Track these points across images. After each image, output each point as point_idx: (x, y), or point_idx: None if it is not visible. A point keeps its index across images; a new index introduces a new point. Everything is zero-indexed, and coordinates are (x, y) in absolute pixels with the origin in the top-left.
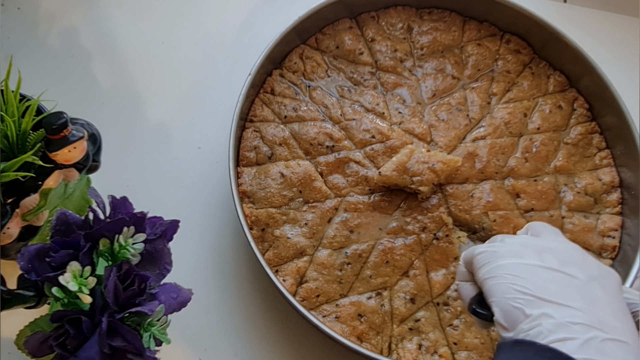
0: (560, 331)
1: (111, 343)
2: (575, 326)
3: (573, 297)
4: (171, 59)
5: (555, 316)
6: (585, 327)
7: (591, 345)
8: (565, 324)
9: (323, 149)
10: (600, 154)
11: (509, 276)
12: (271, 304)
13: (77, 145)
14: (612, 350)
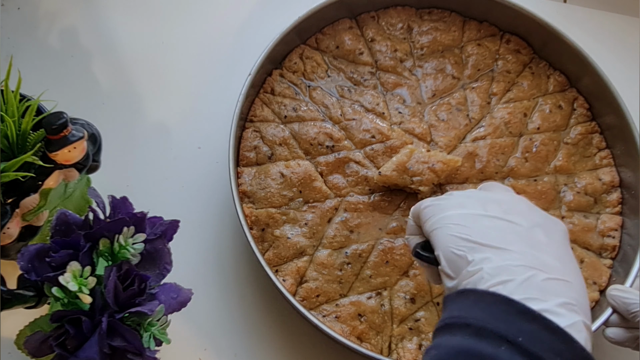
0: (501, 274)
1: (111, 343)
2: (515, 268)
3: (514, 241)
4: (171, 59)
5: (496, 260)
6: (525, 268)
7: (531, 284)
8: (505, 267)
9: (323, 149)
10: (600, 154)
11: (452, 225)
12: (271, 304)
13: (77, 145)
14: (553, 288)
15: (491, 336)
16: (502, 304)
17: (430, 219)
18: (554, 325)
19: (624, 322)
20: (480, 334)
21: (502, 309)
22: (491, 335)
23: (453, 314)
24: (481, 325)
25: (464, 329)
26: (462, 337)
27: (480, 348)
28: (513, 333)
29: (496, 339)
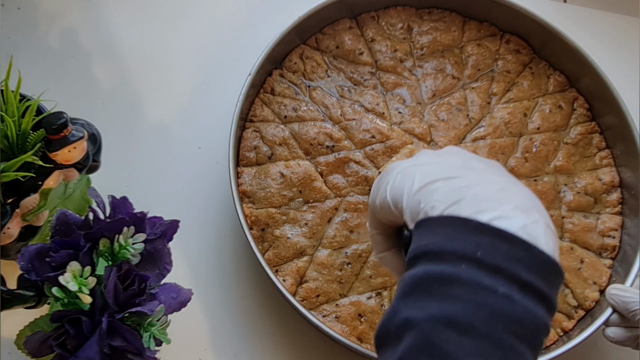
0: (451, 196)
1: (111, 343)
2: (463, 188)
3: (456, 171)
4: (171, 59)
5: (444, 187)
6: (473, 185)
7: (481, 196)
8: (453, 190)
9: (323, 149)
10: (600, 154)
11: (399, 178)
12: (271, 304)
13: (77, 145)
14: (503, 197)
15: (450, 257)
16: (456, 224)
17: (380, 191)
18: (509, 235)
19: (624, 322)
20: (439, 257)
21: (457, 229)
22: (450, 256)
23: (412, 248)
24: (439, 249)
25: (423, 257)
26: (422, 265)
27: (441, 269)
28: (471, 250)
29: (455, 259)
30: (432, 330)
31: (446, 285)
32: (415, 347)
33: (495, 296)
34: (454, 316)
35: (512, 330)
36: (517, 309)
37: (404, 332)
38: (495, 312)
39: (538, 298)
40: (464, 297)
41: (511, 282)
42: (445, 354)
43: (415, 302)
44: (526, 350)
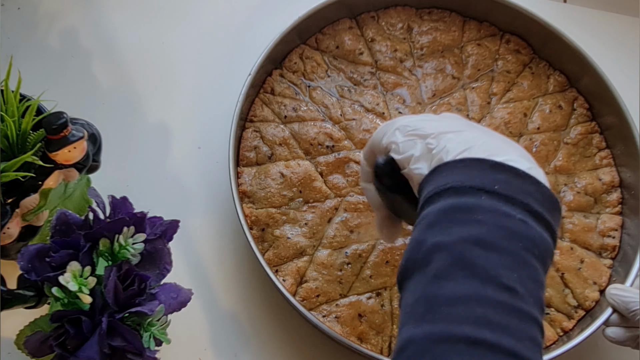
0: (462, 145)
1: (111, 343)
2: (472, 139)
3: (463, 128)
4: (171, 59)
5: (455, 138)
6: (480, 138)
7: (489, 145)
8: (464, 140)
9: (323, 149)
10: (600, 154)
11: (408, 127)
12: (271, 304)
13: (77, 145)
14: (508, 147)
15: (471, 191)
16: (473, 164)
17: (386, 135)
18: (522, 172)
19: (624, 322)
20: (461, 192)
21: (474, 167)
22: (470, 190)
23: (430, 188)
24: (460, 185)
25: (444, 193)
26: (444, 200)
27: (464, 201)
28: (489, 184)
29: (475, 192)
30: (462, 249)
31: (470, 213)
32: (448, 264)
33: (513, 220)
34: (480, 236)
35: (529, 248)
36: (531, 231)
37: (433, 255)
38: (515, 232)
39: (546, 227)
40: (487, 221)
41: (525, 211)
42: (476, 266)
43: (441, 230)
44: (539, 265)
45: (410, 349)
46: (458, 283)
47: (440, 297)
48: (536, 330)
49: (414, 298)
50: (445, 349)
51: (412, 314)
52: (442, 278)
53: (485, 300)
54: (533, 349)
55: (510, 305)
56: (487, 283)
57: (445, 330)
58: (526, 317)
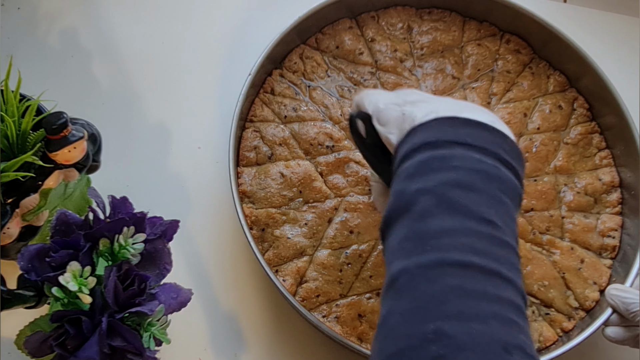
0: (432, 110)
1: (111, 343)
2: (439, 105)
3: (428, 97)
4: (171, 59)
5: (424, 106)
6: (448, 104)
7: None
8: (434, 108)
9: (323, 149)
10: (600, 154)
11: (382, 99)
12: (271, 304)
13: (77, 145)
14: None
15: (445, 144)
16: (445, 122)
17: (366, 103)
18: (489, 126)
19: (624, 322)
20: (436, 145)
21: (446, 124)
22: (445, 144)
23: (406, 147)
24: (434, 140)
25: (420, 149)
26: (422, 152)
27: (440, 153)
28: (461, 138)
29: (450, 145)
30: (444, 190)
31: (446, 161)
32: (432, 204)
33: (486, 164)
34: (458, 180)
35: (502, 189)
36: (503, 175)
37: (416, 199)
38: (489, 175)
39: (514, 173)
40: (463, 166)
41: (495, 159)
42: (458, 204)
43: (422, 178)
44: (512, 205)
45: (403, 278)
46: (443, 219)
47: (428, 232)
48: (515, 258)
49: (400, 237)
50: (437, 272)
51: (400, 251)
52: (428, 217)
53: (469, 231)
54: (514, 272)
55: (491, 235)
56: (469, 218)
57: (436, 258)
58: (506, 245)
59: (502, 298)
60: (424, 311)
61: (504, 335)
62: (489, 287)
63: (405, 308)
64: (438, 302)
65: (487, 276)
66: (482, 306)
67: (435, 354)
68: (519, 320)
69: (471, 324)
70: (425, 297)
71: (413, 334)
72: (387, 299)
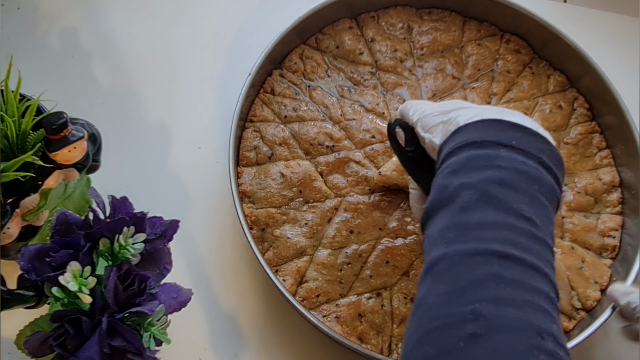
0: (475, 114)
1: (111, 343)
2: (483, 111)
3: (468, 104)
4: (171, 59)
5: (467, 111)
6: (487, 109)
7: (500, 113)
8: (476, 112)
9: (323, 149)
10: (600, 154)
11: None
12: (271, 304)
13: (77, 145)
14: (516, 114)
15: (491, 145)
16: (492, 124)
17: (411, 112)
18: (534, 131)
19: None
20: (482, 145)
21: (492, 126)
22: (491, 144)
23: (451, 145)
24: (481, 140)
25: (465, 147)
26: (465, 151)
27: (485, 152)
28: (507, 140)
29: (495, 146)
30: (486, 187)
31: (491, 160)
32: (475, 199)
33: (529, 167)
34: (501, 178)
35: (542, 191)
36: (545, 178)
37: (459, 193)
38: (531, 176)
39: (555, 179)
40: (507, 166)
41: (538, 162)
42: (500, 200)
43: (466, 174)
44: (550, 207)
45: (443, 263)
46: (485, 213)
47: (470, 224)
48: (550, 255)
49: (441, 227)
50: (477, 260)
51: (441, 239)
52: (470, 210)
53: (509, 226)
54: (549, 268)
55: (530, 232)
56: (510, 214)
57: (476, 247)
58: (543, 243)
59: (537, 289)
60: (462, 293)
61: (538, 322)
62: (526, 278)
63: (444, 290)
64: (477, 286)
65: (525, 268)
66: (518, 294)
67: (472, 332)
68: (553, 311)
69: (508, 309)
70: (464, 281)
71: (451, 313)
72: (425, 282)
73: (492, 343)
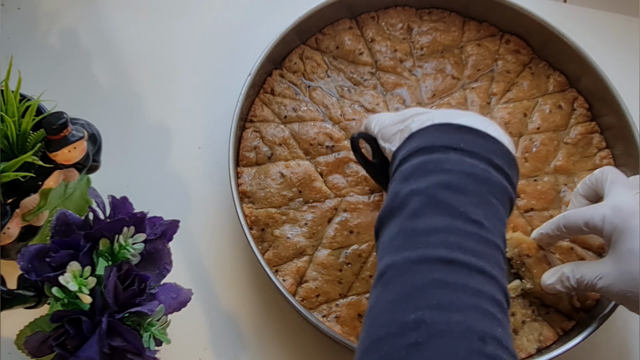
0: (427, 118)
1: (111, 343)
2: (436, 114)
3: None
4: (171, 59)
5: (420, 117)
6: (443, 112)
7: (451, 115)
8: (428, 117)
9: (323, 149)
10: (600, 154)
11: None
12: (271, 304)
13: (77, 145)
14: (468, 115)
15: (440, 149)
16: (441, 128)
17: (373, 124)
18: (484, 133)
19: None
20: (431, 150)
21: (441, 130)
22: (440, 149)
23: (403, 152)
24: (430, 145)
25: (415, 153)
26: (417, 157)
27: (435, 156)
28: (455, 143)
29: (444, 150)
30: (434, 192)
31: (440, 164)
32: (423, 204)
33: (478, 168)
34: (449, 181)
35: (493, 192)
36: (494, 178)
37: (409, 199)
38: (479, 178)
39: (506, 178)
40: (455, 169)
41: (487, 163)
42: (448, 205)
43: (416, 180)
44: (501, 207)
45: (391, 271)
46: (432, 218)
47: (417, 230)
48: (500, 257)
49: (391, 235)
50: (423, 267)
51: (390, 247)
52: (418, 216)
53: (456, 230)
54: (499, 270)
55: (477, 234)
56: (457, 217)
57: (422, 254)
58: (492, 245)
59: (482, 292)
60: (406, 301)
61: (481, 326)
62: (470, 282)
63: (390, 298)
64: (420, 293)
65: (470, 272)
66: (462, 298)
67: (414, 341)
68: (498, 314)
69: (450, 314)
70: (409, 288)
71: (395, 322)
72: (375, 291)
73: (433, 350)
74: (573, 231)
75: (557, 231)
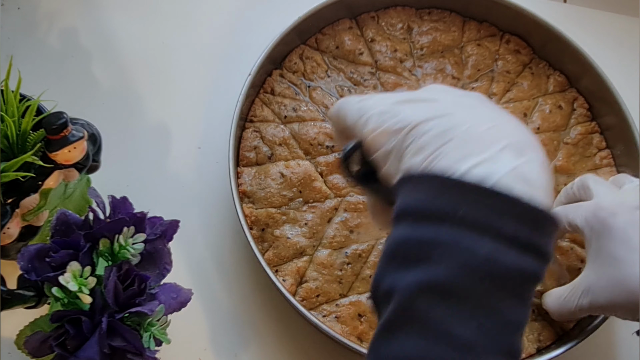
0: (440, 138)
1: (111, 343)
2: (453, 130)
3: (445, 110)
4: (171, 59)
5: (435, 128)
6: (462, 124)
7: (470, 137)
8: (444, 132)
9: (323, 149)
10: (600, 154)
11: (381, 110)
12: (271, 304)
13: (77, 145)
14: (493, 135)
15: (430, 219)
16: (435, 181)
17: (360, 121)
18: (493, 191)
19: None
20: (419, 219)
21: (437, 185)
22: (430, 218)
23: (398, 203)
24: (421, 208)
25: (405, 217)
26: (403, 226)
27: (420, 234)
28: (452, 207)
29: (435, 221)
30: (413, 297)
31: (428, 248)
32: (398, 314)
33: (478, 255)
34: (436, 281)
35: (498, 286)
36: (500, 265)
37: (386, 300)
38: (480, 269)
39: (525, 249)
40: (445, 260)
41: (496, 237)
42: (426, 320)
43: (396, 269)
44: (513, 304)
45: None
46: (405, 342)
47: (387, 356)
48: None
49: (368, 351)
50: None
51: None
52: (391, 331)
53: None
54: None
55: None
56: (439, 340)
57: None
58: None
59: None
60: None
61: None
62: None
63: None
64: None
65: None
66: None
67: None
68: None
69: None
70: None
71: None
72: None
73: None
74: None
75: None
